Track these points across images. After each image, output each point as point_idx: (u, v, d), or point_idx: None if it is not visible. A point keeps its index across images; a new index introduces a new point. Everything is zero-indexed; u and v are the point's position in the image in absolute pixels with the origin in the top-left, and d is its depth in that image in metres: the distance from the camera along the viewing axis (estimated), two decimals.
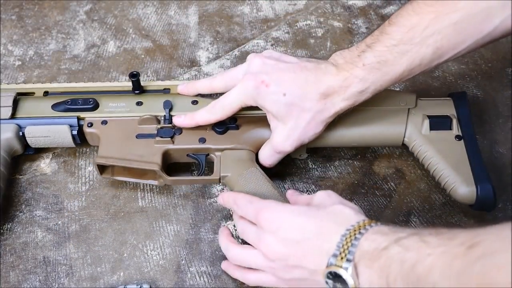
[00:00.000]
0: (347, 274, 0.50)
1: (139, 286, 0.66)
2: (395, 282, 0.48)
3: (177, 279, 0.68)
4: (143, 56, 0.90)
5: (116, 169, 0.73)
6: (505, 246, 0.41)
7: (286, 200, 0.68)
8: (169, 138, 0.71)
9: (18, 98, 0.75)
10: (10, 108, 0.73)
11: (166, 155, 0.72)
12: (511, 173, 0.77)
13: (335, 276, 0.52)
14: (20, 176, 0.77)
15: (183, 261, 0.70)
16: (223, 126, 0.72)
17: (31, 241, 0.71)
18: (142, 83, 0.76)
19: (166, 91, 0.77)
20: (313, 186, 0.76)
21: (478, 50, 0.88)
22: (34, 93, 0.77)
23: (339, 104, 0.67)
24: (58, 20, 0.94)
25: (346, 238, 0.52)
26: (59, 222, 0.73)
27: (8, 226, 0.73)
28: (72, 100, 0.74)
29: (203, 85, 0.74)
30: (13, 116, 0.73)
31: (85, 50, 0.91)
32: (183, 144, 0.72)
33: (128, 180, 0.73)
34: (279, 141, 0.69)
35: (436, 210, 0.74)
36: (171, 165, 0.75)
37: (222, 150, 0.72)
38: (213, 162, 0.72)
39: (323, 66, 0.67)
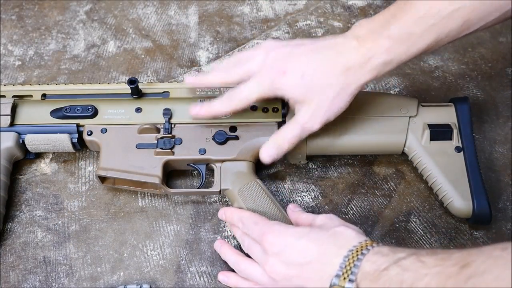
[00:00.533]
0: None
1: (139, 286, 0.66)
2: None
3: (177, 279, 0.68)
4: (143, 56, 0.90)
5: (117, 179, 0.73)
6: (494, 265, 0.43)
7: (285, 215, 0.69)
8: (169, 150, 0.72)
9: (16, 103, 0.74)
10: (9, 117, 0.73)
11: (166, 165, 0.72)
12: (511, 173, 0.77)
13: None
14: (20, 176, 0.77)
15: (183, 261, 0.70)
16: (223, 137, 0.72)
17: (31, 241, 0.71)
18: (140, 85, 0.76)
19: (165, 94, 0.76)
20: (313, 186, 0.77)
21: (478, 50, 0.89)
22: (31, 95, 0.76)
23: (364, 76, 0.64)
24: (58, 20, 0.94)
25: (348, 259, 0.53)
26: (59, 222, 0.73)
27: (8, 226, 0.73)
28: (70, 107, 0.73)
29: (216, 80, 0.70)
30: (12, 123, 0.73)
31: (85, 50, 0.91)
32: (183, 155, 0.72)
33: (129, 189, 0.74)
34: (305, 120, 0.67)
35: (436, 210, 0.74)
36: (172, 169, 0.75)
37: (222, 161, 0.72)
38: (213, 170, 0.73)
39: (340, 40, 0.65)
